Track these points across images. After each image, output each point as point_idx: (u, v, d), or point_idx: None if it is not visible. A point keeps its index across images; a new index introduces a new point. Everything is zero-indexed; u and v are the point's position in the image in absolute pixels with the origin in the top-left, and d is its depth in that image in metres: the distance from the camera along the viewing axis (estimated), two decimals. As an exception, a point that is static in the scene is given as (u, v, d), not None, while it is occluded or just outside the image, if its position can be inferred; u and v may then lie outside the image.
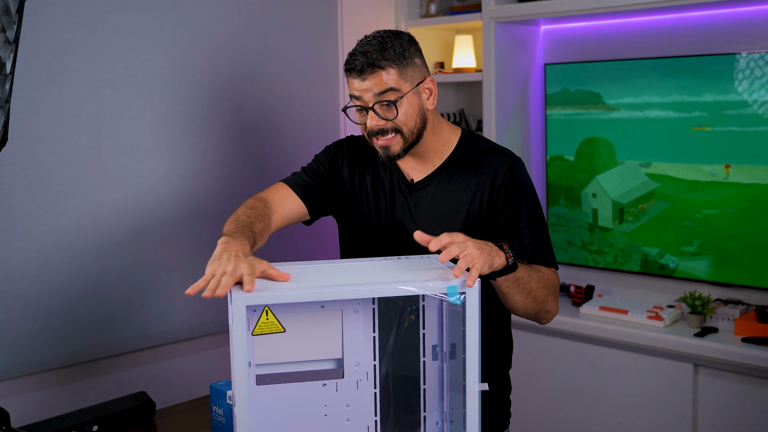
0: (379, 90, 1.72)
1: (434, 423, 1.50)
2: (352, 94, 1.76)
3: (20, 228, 2.26)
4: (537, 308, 1.75)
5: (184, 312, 2.64)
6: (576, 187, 3.16)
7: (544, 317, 1.80)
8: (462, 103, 3.51)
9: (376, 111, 1.73)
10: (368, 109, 1.74)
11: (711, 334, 2.71)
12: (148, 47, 2.50)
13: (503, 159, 1.82)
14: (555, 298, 1.79)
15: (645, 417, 2.80)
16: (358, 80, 1.73)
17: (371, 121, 1.74)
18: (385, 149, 1.78)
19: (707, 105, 2.78)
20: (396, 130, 1.75)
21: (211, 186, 2.69)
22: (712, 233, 2.83)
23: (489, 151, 1.85)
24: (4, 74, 1.52)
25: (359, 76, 1.72)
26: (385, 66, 1.72)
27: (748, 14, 2.74)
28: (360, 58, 1.72)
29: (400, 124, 1.75)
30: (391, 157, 1.78)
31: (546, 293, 1.74)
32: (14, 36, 1.52)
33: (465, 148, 1.87)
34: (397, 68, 1.73)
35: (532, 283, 1.69)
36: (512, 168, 1.81)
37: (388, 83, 1.72)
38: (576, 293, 3.11)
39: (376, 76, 1.71)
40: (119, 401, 2.01)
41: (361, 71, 1.72)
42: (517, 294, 1.67)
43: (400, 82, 1.73)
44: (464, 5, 3.31)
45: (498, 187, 1.80)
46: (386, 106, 1.73)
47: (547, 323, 1.84)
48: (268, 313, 1.41)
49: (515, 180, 1.80)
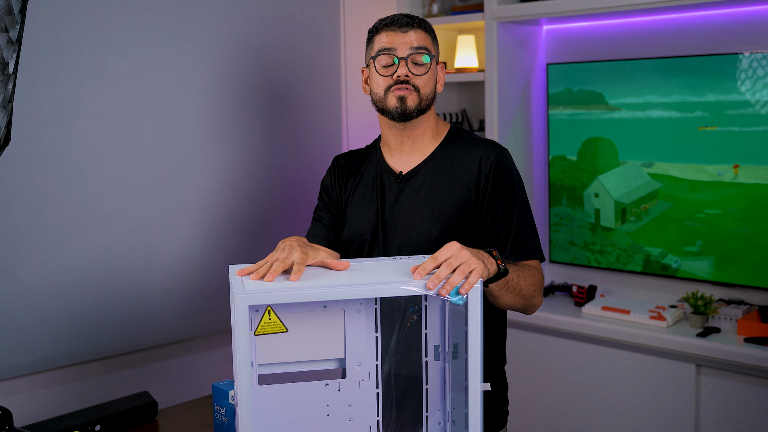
0: (418, 44, 1.86)
1: (436, 423, 1.50)
2: (385, 47, 1.86)
3: (22, 228, 2.26)
4: (524, 304, 1.79)
5: (187, 311, 2.64)
6: (578, 187, 3.16)
7: (530, 310, 1.85)
8: (464, 103, 3.51)
9: (408, 63, 1.85)
10: (401, 59, 1.84)
11: (713, 334, 2.71)
12: (150, 47, 2.51)
13: (491, 149, 1.87)
14: (540, 291, 1.83)
15: (647, 417, 2.80)
16: (399, 33, 1.86)
17: (402, 69, 1.84)
18: (402, 100, 1.86)
19: (710, 105, 2.78)
20: (416, 88, 1.86)
21: (213, 185, 2.69)
22: (714, 233, 2.83)
23: (476, 142, 1.91)
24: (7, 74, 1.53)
25: (400, 29, 1.86)
26: (425, 28, 1.89)
27: (750, 14, 2.74)
28: (403, 18, 1.87)
29: (421, 84, 1.86)
30: (405, 109, 1.86)
31: (534, 289, 1.78)
32: (17, 36, 1.52)
33: (453, 140, 1.94)
34: (431, 38, 1.91)
35: (521, 282, 1.72)
36: (499, 158, 1.86)
37: (425, 42, 1.87)
38: (578, 293, 3.11)
39: (417, 32, 1.87)
40: (122, 401, 2.01)
41: (405, 25, 1.86)
42: (507, 295, 1.71)
43: (432, 48, 1.90)
44: (466, 5, 3.31)
45: (485, 177, 1.84)
46: (418, 64, 1.86)
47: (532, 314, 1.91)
48: (270, 313, 1.41)
49: (502, 170, 1.85)
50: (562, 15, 2.89)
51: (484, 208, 1.84)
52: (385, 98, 1.87)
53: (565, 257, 3.23)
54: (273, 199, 2.88)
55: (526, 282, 1.74)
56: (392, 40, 1.85)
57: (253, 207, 2.81)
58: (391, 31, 1.86)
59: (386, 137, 1.96)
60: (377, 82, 1.89)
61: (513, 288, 1.70)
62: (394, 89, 1.85)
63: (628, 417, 2.85)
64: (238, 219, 2.76)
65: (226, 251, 2.73)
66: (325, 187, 2.05)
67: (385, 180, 1.94)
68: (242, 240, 2.78)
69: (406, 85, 1.85)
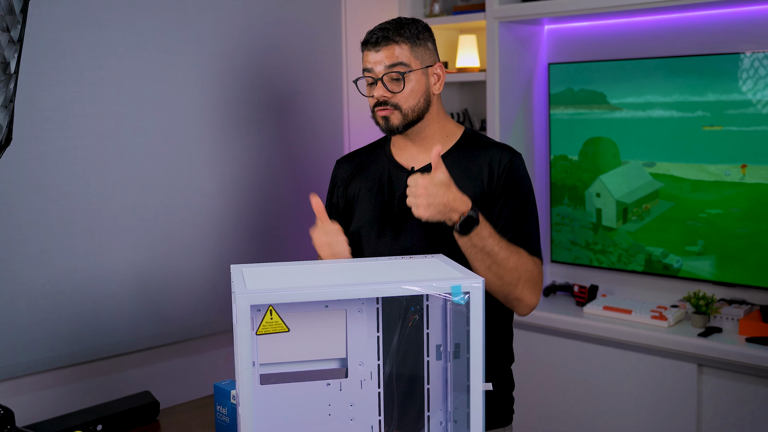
0: (390, 62, 1.82)
1: (438, 423, 1.50)
2: (365, 67, 1.86)
3: (24, 227, 2.26)
4: (502, 289, 1.75)
5: (188, 311, 2.64)
6: (580, 186, 3.16)
7: (516, 305, 1.80)
8: (466, 103, 3.51)
9: (384, 82, 1.83)
10: (377, 80, 1.83)
11: (715, 333, 2.71)
12: (151, 47, 2.51)
13: (505, 152, 1.88)
14: (529, 287, 1.78)
15: (649, 417, 2.80)
16: (373, 52, 1.84)
17: (378, 91, 1.84)
18: (386, 120, 1.86)
19: (711, 105, 2.78)
20: (396, 107, 1.84)
21: (213, 185, 2.69)
22: (716, 233, 2.83)
23: (491, 144, 1.92)
24: (9, 74, 1.53)
25: (374, 48, 1.83)
26: (399, 41, 1.83)
27: (752, 14, 2.74)
28: (377, 33, 1.84)
29: (401, 101, 1.84)
30: (391, 128, 1.87)
31: (516, 276, 1.74)
32: (18, 35, 1.52)
33: (468, 141, 1.93)
34: (409, 45, 1.84)
35: (498, 257, 1.71)
36: (513, 161, 1.87)
37: (399, 57, 1.82)
38: (580, 293, 3.11)
39: (389, 48, 1.82)
40: (123, 401, 2.01)
41: (375, 43, 1.83)
42: (477, 261, 1.71)
43: (411, 58, 1.84)
44: (468, 5, 3.31)
45: (498, 177, 1.85)
46: (395, 79, 1.83)
47: (524, 315, 1.84)
48: (272, 313, 1.41)
49: (514, 173, 1.86)
50: (564, 15, 2.88)
51: (493, 207, 1.84)
52: (373, 116, 1.90)
53: (567, 257, 3.23)
54: (274, 199, 2.88)
55: (505, 262, 1.72)
56: (369, 59, 1.85)
57: (254, 207, 2.81)
58: (368, 50, 1.85)
59: (395, 139, 1.97)
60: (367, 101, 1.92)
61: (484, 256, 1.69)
62: (377, 110, 1.87)
63: (630, 417, 2.85)
64: (239, 219, 2.76)
65: (227, 251, 2.73)
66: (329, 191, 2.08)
67: (393, 175, 1.94)
68: (244, 240, 2.79)
69: (385, 106, 1.84)
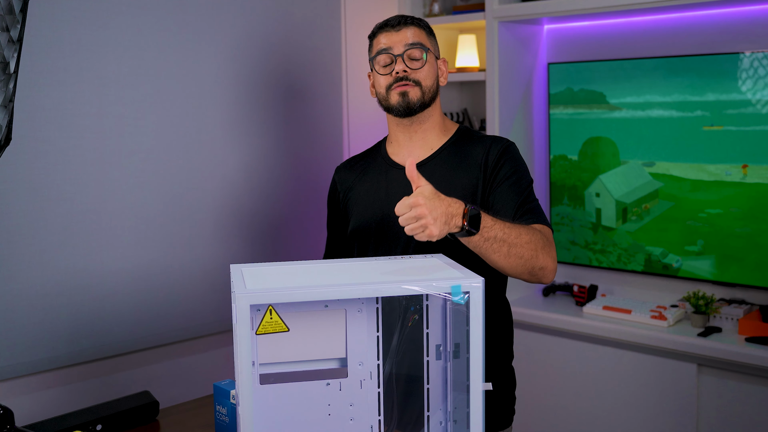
0: (411, 41, 1.90)
1: (438, 422, 1.50)
2: (381, 48, 1.92)
3: (23, 227, 2.26)
4: (526, 266, 1.71)
5: (188, 311, 2.64)
6: (579, 186, 3.16)
7: (540, 274, 1.75)
8: (465, 103, 3.51)
9: (404, 59, 1.89)
10: (397, 56, 1.89)
11: (714, 333, 2.71)
12: (151, 46, 2.51)
13: (499, 141, 1.93)
14: (547, 253, 1.74)
15: (648, 417, 2.80)
16: (392, 32, 1.91)
17: (399, 65, 1.89)
18: (404, 95, 1.89)
19: (710, 104, 2.78)
20: (417, 82, 1.89)
21: (213, 185, 2.69)
22: (716, 233, 2.83)
23: (485, 137, 1.96)
24: (8, 73, 1.53)
25: (394, 29, 1.91)
26: (418, 24, 1.94)
27: (751, 13, 2.74)
28: (395, 18, 1.93)
29: (421, 78, 1.89)
30: (409, 104, 1.89)
31: (533, 248, 1.70)
32: (18, 35, 1.52)
33: (463, 136, 1.98)
34: (425, 33, 1.95)
35: (512, 238, 1.66)
36: (507, 147, 1.91)
37: (419, 38, 1.92)
38: (579, 293, 3.11)
39: (410, 29, 1.91)
40: (123, 400, 2.01)
41: (396, 24, 1.91)
42: (495, 254, 1.66)
43: (428, 42, 1.94)
44: (467, 5, 3.31)
45: (494, 160, 1.88)
46: (415, 58, 1.90)
47: (549, 281, 1.78)
48: (272, 313, 1.41)
49: (511, 155, 1.90)
50: (563, 14, 2.88)
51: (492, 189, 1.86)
52: (388, 96, 1.91)
53: (567, 257, 3.23)
54: (274, 199, 2.88)
55: (519, 239, 1.67)
56: (388, 40, 1.91)
57: (253, 206, 2.81)
58: (386, 32, 1.92)
59: (395, 134, 1.99)
60: (379, 82, 1.93)
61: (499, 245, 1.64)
62: (395, 87, 1.89)
63: (629, 416, 2.85)
64: (238, 218, 2.76)
65: (227, 251, 2.73)
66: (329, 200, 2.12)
67: (391, 174, 1.96)
68: (243, 239, 2.79)
69: (406, 81, 1.88)
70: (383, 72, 1.92)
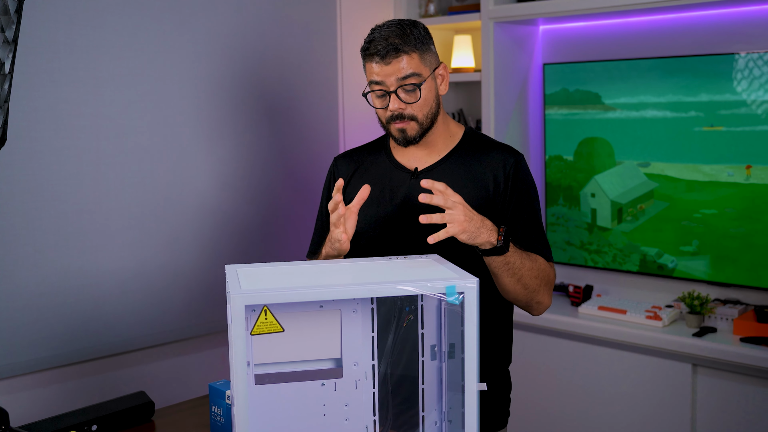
0: (402, 74, 1.77)
1: (433, 422, 1.50)
2: (374, 80, 1.79)
3: (19, 227, 2.26)
4: (527, 296, 1.79)
5: (183, 311, 2.64)
6: (575, 186, 3.16)
7: (535, 308, 1.84)
8: (461, 103, 3.51)
9: (399, 95, 1.78)
10: (390, 93, 1.78)
11: (709, 333, 2.72)
12: (146, 47, 2.50)
13: (509, 154, 1.89)
14: (547, 291, 1.83)
15: (643, 417, 2.80)
16: (381, 65, 1.77)
17: (393, 104, 1.79)
18: (403, 132, 1.83)
19: (705, 105, 2.78)
20: (412, 118, 1.81)
21: (208, 185, 2.69)
22: (710, 233, 2.84)
23: (494, 145, 1.92)
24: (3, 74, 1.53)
25: (382, 60, 1.77)
26: (408, 51, 1.77)
27: (746, 14, 2.75)
28: (383, 43, 1.76)
29: (416, 111, 1.80)
30: (408, 140, 1.84)
31: (538, 283, 1.78)
32: (13, 36, 1.52)
33: (470, 141, 1.93)
34: (418, 54, 1.78)
35: (524, 269, 1.74)
36: (518, 163, 1.87)
37: (411, 68, 1.77)
38: (575, 293, 3.11)
39: (399, 60, 1.76)
40: (118, 401, 2.01)
41: (384, 56, 1.76)
42: (507, 278, 1.73)
43: (421, 67, 1.79)
44: (463, 5, 3.31)
45: (505, 179, 1.85)
46: (410, 90, 1.78)
47: (539, 315, 1.88)
48: (266, 313, 1.41)
49: (521, 176, 1.87)
50: (559, 15, 2.89)
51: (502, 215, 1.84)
52: (387, 127, 1.86)
53: (562, 257, 3.24)
54: (270, 199, 2.88)
55: (530, 273, 1.75)
56: (379, 72, 1.78)
57: (249, 206, 2.81)
58: (376, 63, 1.78)
59: None
60: (377, 113, 1.87)
61: (514, 272, 1.72)
62: (392, 124, 1.83)
63: (625, 417, 2.85)
64: (234, 219, 2.76)
65: (222, 251, 2.73)
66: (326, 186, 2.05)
67: (395, 176, 1.92)
68: (238, 240, 2.78)
69: (401, 120, 1.81)
70: (379, 105, 1.83)
